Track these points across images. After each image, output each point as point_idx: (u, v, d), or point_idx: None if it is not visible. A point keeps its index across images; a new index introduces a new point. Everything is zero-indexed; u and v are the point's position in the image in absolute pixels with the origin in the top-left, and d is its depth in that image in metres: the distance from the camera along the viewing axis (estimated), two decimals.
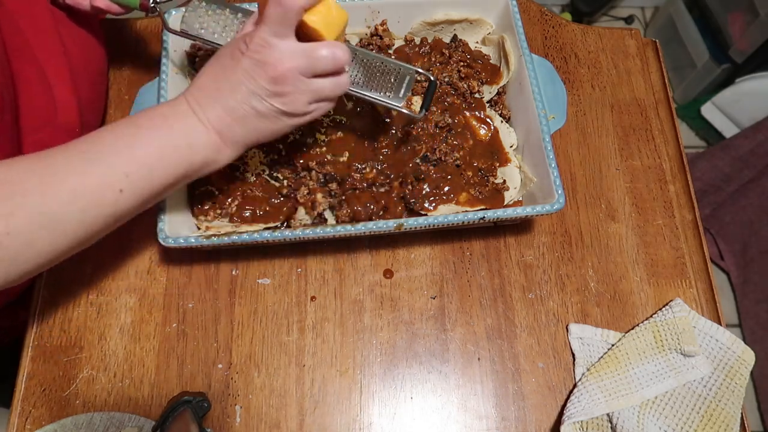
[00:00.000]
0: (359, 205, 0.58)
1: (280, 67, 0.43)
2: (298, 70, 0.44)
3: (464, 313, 0.63)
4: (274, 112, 0.46)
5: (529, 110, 0.61)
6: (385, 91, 0.54)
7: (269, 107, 0.45)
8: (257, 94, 0.44)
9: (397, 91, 0.54)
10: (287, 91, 0.44)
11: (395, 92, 0.54)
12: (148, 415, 0.56)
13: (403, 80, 0.54)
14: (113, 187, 0.42)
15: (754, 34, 1.42)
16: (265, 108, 0.45)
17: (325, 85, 0.46)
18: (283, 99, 0.45)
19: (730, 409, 0.58)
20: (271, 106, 0.45)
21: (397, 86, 0.54)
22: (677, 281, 0.66)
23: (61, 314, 0.60)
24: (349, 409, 0.58)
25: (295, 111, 0.46)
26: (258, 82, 0.44)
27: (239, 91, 0.44)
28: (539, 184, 0.59)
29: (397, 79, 0.54)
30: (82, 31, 0.62)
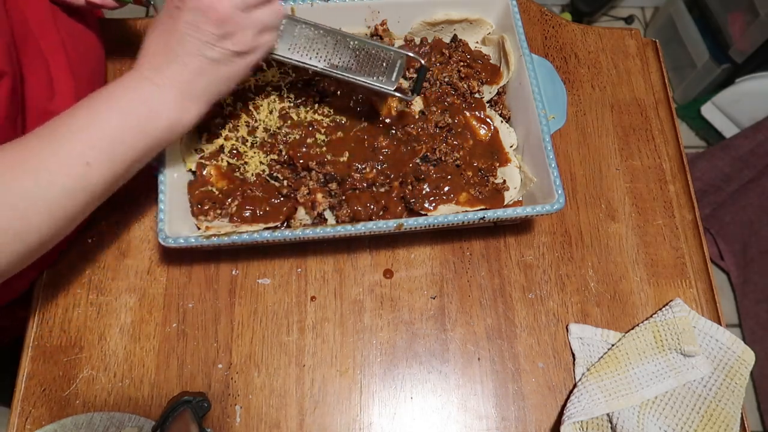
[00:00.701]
0: (359, 205, 0.58)
1: (221, 9, 0.44)
2: (235, 6, 0.45)
3: (464, 313, 0.63)
4: (227, 55, 0.46)
5: (529, 110, 0.61)
6: (377, 75, 0.55)
7: (221, 51, 0.46)
8: (207, 42, 0.45)
9: (389, 76, 0.55)
10: (232, 31, 0.45)
11: (387, 77, 0.55)
12: (148, 415, 0.56)
13: (395, 65, 0.55)
14: (80, 160, 0.42)
15: (754, 34, 1.42)
16: (217, 53, 0.46)
17: (263, 13, 0.47)
18: (231, 40, 0.46)
19: (730, 409, 0.58)
20: (223, 49, 0.46)
21: (389, 71, 0.55)
22: (677, 281, 0.66)
23: (61, 314, 0.60)
24: (349, 409, 0.58)
25: (245, 47, 0.47)
26: (203, 29, 0.44)
27: (188, 43, 0.45)
28: (539, 184, 0.59)
29: (388, 64, 0.55)
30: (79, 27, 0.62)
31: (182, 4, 0.44)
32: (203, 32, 0.45)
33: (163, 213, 0.54)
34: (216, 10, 0.44)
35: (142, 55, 0.47)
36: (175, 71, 0.46)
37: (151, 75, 0.46)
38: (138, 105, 0.45)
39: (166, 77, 0.46)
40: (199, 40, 0.45)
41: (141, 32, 0.74)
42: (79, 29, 0.62)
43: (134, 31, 0.75)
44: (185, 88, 0.46)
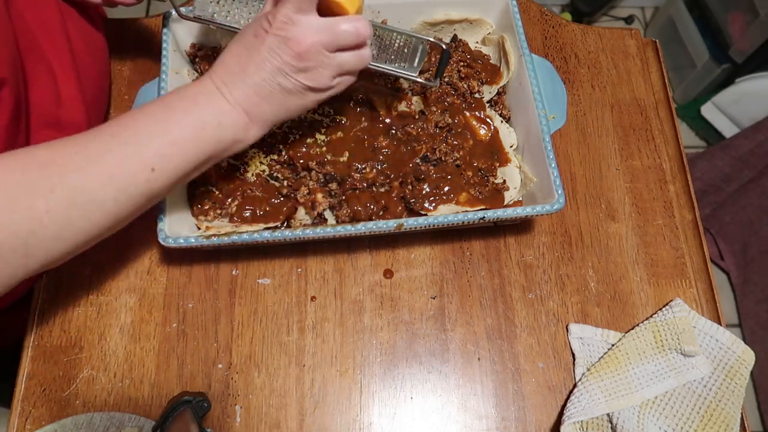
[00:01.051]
0: (359, 205, 0.58)
1: (304, 43, 0.44)
2: (321, 44, 0.45)
3: (464, 313, 0.63)
4: (300, 87, 0.46)
5: (529, 110, 0.61)
6: (400, 62, 0.55)
7: (295, 83, 0.46)
8: (283, 71, 0.45)
9: (411, 62, 0.55)
10: (312, 66, 0.45)
11: (409, 63, 0.55)
12: (148, 415, 0.56)
13: (416, 51, 0.55)
14: (147, 167, 0.43)
15: (754, 34, 1.42)
16: (291, 84, 0.46)
17: (347, 58, 0.47)
18: (308, 74, 0.46)
19: (730, 409, 0.58)
20: (297, 82, 0.46)
21: (411, 57, 0.55)
22: (677, 281, 0.66)
23: (61, 314, 0.60)
24: (349, 409, 0.58)
25: (320, 86, 0.47)
26: (283, 58, 0.44)
27: (265, 69, 0.45)
28: (539, 184, 0.59)
29: (410, 50, 0.55)
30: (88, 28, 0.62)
31: (270, 28, 0.44)
32: (282, 61, 0.45)
33: (163, 213, 0.54)
34: (299, 43, 0.44)
35: (219, 65, 0.47)
36: (246, 92, 0.46)
37: (223, 89, 0.45)
38: (208, 117, 0.45)
39: (238, 96, 0.46)
40: (277, 67, 0.45)
41: (141, 32, 0.74)
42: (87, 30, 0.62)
43: (134, 31, 0.75)
44: (253, 111, 0.46)
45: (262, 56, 0.45)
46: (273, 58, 0.45)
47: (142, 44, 0.74)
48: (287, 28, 0.44)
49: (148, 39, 0.74)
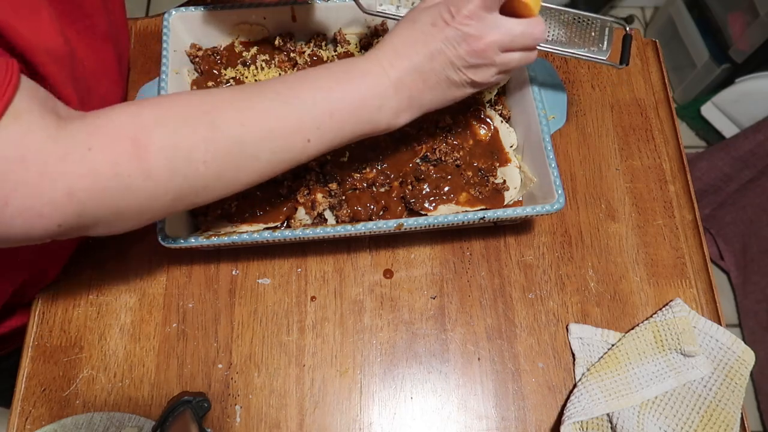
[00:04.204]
0: (359, 205, 0.58)
1: (483, 41, 0.44)
2: (497, 44, 0.45)
3: (464, 313, 0.63)
4: (466, 81, 0.47)
5: (529, 110, 0.61)
6: (588, 46, 0.54)
7: (462, 77, 0.46)
8: (455, 65, 0.45)
9: (599, 45, 0.54)
10: (482, 64, 0.46)
11: (597, 47, 0.54)
12: (148, 415, 0.56)
13: (603, 34, 0.54)
14: (304, 135, 0.43)
15: (754, 34, 1.42)
16: (458, 78, 0.46)
17: (515, 58, 0.47)
18: (476, 70, 0.46)
19: (730, 409, 0.58)
20: (465, 76, 0.46)
21: (598, 40, 0.54)
22: (677, 281, 0.66)
23: (61, 314, 0.60)
24: (349, 409, 0.58)
25: (483, 81, 0.47)
26: (459, 52, 0.45)
27: (437, 59, 0.45)
28: (539, 184, 0.59)
29: (596, 33, 0.54)
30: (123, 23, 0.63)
31: (452, 20, 0.44)
32: (457, 55, 0.45)
33: None
34: (480, 41, 0.44)
35: (388, 46, 0.46)
36: (413, 78, 0.45)
37: (390, 71, 0.45)
38: (372, 97, 0.45)
39: (403, 80, 0.45)
40: (450, 60, 0.45)
41: (141, 32, 0.74)
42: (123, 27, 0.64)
43: (134, 31, 0.75)
44: (414, 97, 0.46)
45: (437, 46, 0.45)
46: (449, 50, 0.45)
47: (142, 45, 0.74)
48: (470, 24, 0.44)
49: (149, 39, 0.74)
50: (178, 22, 0.63)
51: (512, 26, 0.45)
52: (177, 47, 0.63)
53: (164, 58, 0.60)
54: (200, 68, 0.65)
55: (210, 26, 0.65)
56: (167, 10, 0.62)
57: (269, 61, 0.66)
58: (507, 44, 0.46)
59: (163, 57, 0.60)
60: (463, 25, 0.44)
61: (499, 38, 0.45)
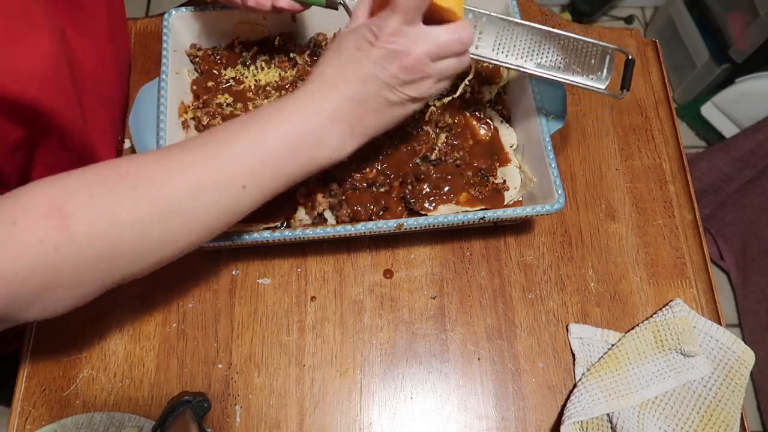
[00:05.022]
0: (359, 205, 0.58)
1: (413, 55, 0.43)
2: (428, 56, 0.44)
3: (464, 313, 0.63)
4: (405, 99, 0.46)
5: (529, 110, 0.61)
6: (587, 73, 0.52)
7: (401, 96, 0.45)
8: (390, 85, 0.44)
9: (599, 73, 0.52)
10: (417, 78, 0.44)
11: (596, 74, 0.52)
12: (148, 415, 0.56)
13: (603, 61, 0.52)
14: (237, 183, 0.42)
15: (754, 34, 1.42)
16: (397, 97, 0.45)
17: (449, 65, 0.46)
18: (413, 86, 0.45)
19: (730, 409, 0.58)
20: (403, 94, 0.45)
21: (598, 68, 0.52)
22: (677, 281, 0.66)
23: (61, 314, 0.60)
24: (349, 409, 0.58)
25: (422, 95, 0.46)
26: (391, 71, 0.43)
27: (371, 83, 0.44)
28: (539, 184, 0.59)
29: (596, 60, 0.52)
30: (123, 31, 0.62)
31: (376, 41, 0.43)
32: (389, 74, 0.43)
33: None
34: (409, 55, 0.43)
35: (317, 77, 0.45)
36: (350, 108, 0.44)
37: (325, 105, 0.44)
38: (306, 134, 0.43)
39: (340, 112, 0.44)
40: (384, 82, 0.44)
41: (141, 32, 0.74)
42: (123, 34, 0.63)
43: (134, 31, 0.75)
44: (355, 126, 0.45)
45: (367, 70, 0.43)
46: (380, 72, 0.43)
47: (142, 45, 0.74)
48: (395, 41, 0.43)
49: (149, 39, 0.74)
50: (178, 22, 0.63)
51: (438, 34, 0.44)
52: (177, 47, 0.63)
53: (164, 58, 0.60)
54: (200, 68, 0.65)
55: (210, 26, 0.65)
56: (167, 10, 0.62)
57: (269, 61, 0.66)
58: (437, 53, 0.44)
59: (163, 57, 0.60)
60: (389, 43, 0.43)
61: (427, 49, 0.43)
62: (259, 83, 0.65)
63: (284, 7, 0.54)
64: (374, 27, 0.43)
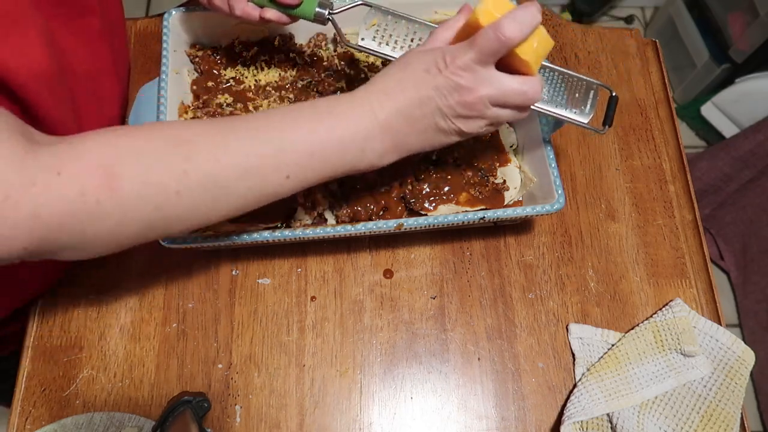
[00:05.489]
0: (359, 205, 0.58)
1: (475, 94, 0.43)
2: (489, 99, 0.44)
3: (464, 313, 0.63)
4: (453, 130, 0.46)
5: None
6: (571, 107, 0.53)
7: (451, 126, 0.46)
8: (444, 114, 0.45)
9: (583, 106, 0.53)
10: (472, 116, 0.45)
11: (581, 107, 0.53)
12: (148, 415, 0.56)
13: (588, 95, 0.53)
14: (282, 172, 0.42)
15: (754, 34, 1.42)
16: (446, 126, 0.46)
17: (506, 114, 0.46)
18: (466, 121, 0.45)
19: (730, 409, 0.58)
20: (454, 125, 0.45)
21: (582, 102, 0.53)
22: (677, 281, 0.66)
23: (61, 314, 0.60)
24: (349, 409, 0.58)
25: (470, 131, 0.46)
26: (449, 102, 0.44)
27: (427, 105, 0.44)
28: (539, 184, 0.59)
29: (581, 95, 0.53)
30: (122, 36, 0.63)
31: (445, 70, 0.43)
32: (447, 104, 0.44)
33: None
34: (472, 94, 0.43)
35: (379, 86, 0.45)
36: (400, 122, 0.45)
37: (378, 113, 0.44)
38: (355, 138, 0.44)
39: (390, 123, 0.44)
40: (440, 109, 0.44)
41: (141, 32, 0.74)
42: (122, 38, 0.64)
43: (134, 31, 0.75)
44: (399, 141, 0.46)
45: (428, 93, 0.44)
46: (439, 99, 0.44)
47: (142, 45, 0.74)
48: (464, 76, 0.43)
49: (149, 39, 0.74)
50: (178, 22, 0.63)
51: (506, 83, 0.44)
52: (177, 47, 0.63)
53: (164, 58, 0.60)
54: (200, 68, 0.65)
55: (210, 26, 0.65)
56: (167, 10, 0.62)
57: (269, 61, 0.66)
58: (499, 100, 0.45)
59: (163, 57, 0.60)
60: (456, 76, 0.43)
61: (491, 93, 0.44)
62: (259, 83, 0.65)
63: (272, 18, 0.54)
64: (448, 56, 0.43)
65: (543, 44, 0.44)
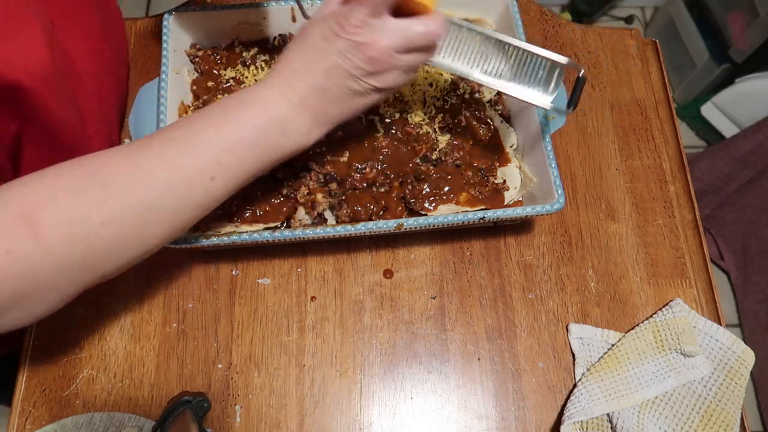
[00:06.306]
0: (359, 205, 0.58)
1: (378, 47, 0.43)
2: (394, 48, 0.44)
3: (464, 313, 0.63)
4: (369, 89, 0.46)
5: (529, 110, 0.61)
6: (533, 86, 0.50)
7: (365, 86, 0.45)
8: (354, 75, 0.44)
9: (545, 88, 0.50)
10: (383, 69, 0.45)
11: (543, 88, 0.50)
12: (148, 415, 0.56)
13: (552, 75, 0.49)
14: (205, 175, 0.42)
15: (754, 34, 1.42)
16: (360, 87, 0.45)
17: (417, 57, 0.46)
18: (378, 77, 0.45)
19: (730, 409, 0.58)
20: (367, 84, 0.45)
21: (545, 81, 0.50)
22: (677, 281, 0.66)
23: (61, 314, 0.60)
24: (349, 409, 0.58)
25: (387, 85, 0.46)
26: (355, 62, 0.44)
27: (335, 73, 0.44)
28: (539, 184, 0.59)
29: (545, 73, 0.50)
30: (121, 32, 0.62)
31: (341, 31, 0.43)
32: (354, 65, 0.44)
33: None
34: (374, 48, 0.43)
35: (282, 67, 0.45)
36: (314, 97, 0.44)
37: (289, 94, 0.44)
38: (271, 123, 0.44)
39: (304, 101, 0.44)
40: (348, 72, 0.44)
41: (141, 32, 0.74)
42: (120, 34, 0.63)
43: (134, 31, 0.75)
44: (319, 114, 0.45)
45: (332, 60, 0.43)
46: (344, 62, 0.44)
47: (142, 45, 0.74)
48: (360, 32, 0.43)
49: (148, 39, 0.74)
50: (178, 22, 0.63)
51: (405, 27, 0.44)
52: (177, 47, 0.63)
53: (164, 58, 0.60)
54: (200, 68, 0.65)
55: (210, 26, 0.65)
56: (167, 10, 0.62)
57: (269, 61, 0.66)
58: (404, 46, 0.44)
59: (163, 57, 0.60)
60: (354, 35, 0.43)
61: (393, 42, 0.43)
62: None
63: None
64: (341, 17, 0.43)
65: None
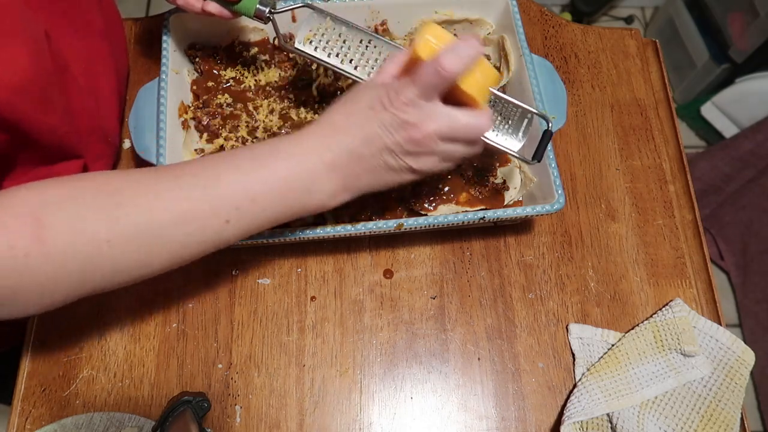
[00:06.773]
0: (359, 205, 0.58)
1: (422, 130, 0.42)
2: (437, 134, 0.43)
3: (464, 313, 0.63)
4: (404, 168, 0.45)
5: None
6: (502, 133, 0.52)
7: (401, 164, 0.44)
8: (392, 151, 0.43)
9: (515, 135, 0.52)
10: (422, 152, 0.44)
11: (512, 136, 0.52)
12: (148, 415, 0.56)
13: (521, 123, 0.51)
14: (221, 217, 0.41)
15: (754, 34, 1.42)
16: (396, 164, 0.44)
17: (458, 149, 0.45)
18: (416, 158, 0.44)
19: (730, 409, 0.58)
20: (403, 163, 0.44)
21: (514, 129, 0.52)
22: (677, 281, 0.66)
23: (61, 314, 0.60)
24: (349, 409, 0.58)
25: (423, 169, 0.45)
26: (396, 139, 0.43)
27: (374, 144, 0.43)
28: (539, 184, 0.59)
29: (514, 121, 0.51)
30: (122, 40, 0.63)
31: (390, 105, 0.42)
32: (394, 141, 0.43)
33: None
34: (418, 129, 0.42)
35: (323, 123, 0.44)
36: (348, 161, 0.43)
37: (324, 153, 0.43)
38: (299, 180, 0.43)
39: (337, 163, 0.43)
40: (387, 146, 0.43)
41: (140, 33, 0.74)
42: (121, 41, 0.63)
43: (134, 31, 0.75)
44: (349, 181, 0.44)
45: (374, 131, 0.42)
46: (386, 136, 0.42)
47: (142, 45, 0.74)
48: (408, 111, 0.42)
49: (148, 39, 0.74)
50: (178, 22, 0.63)
51: (453, 116, 0.43)
52: (177, 47, 0.63)
53: (164, 58, 0.60)
54: (200, 68, 0.65)
55: (210, 26, 0.65)
56: (167, 10, 0.62)
57: (269, 61, 0.66)
58: (447, 135, 0.43)
59: (163, 57, 0.60)
60: (401, 112, 0.42)
61: (437, 128, 0.42)
62: (259, 83, 0.65)
63: (213, 12, 0.54)
64: (392, 92, 0.42)
65: (487, 77, 0.43)
